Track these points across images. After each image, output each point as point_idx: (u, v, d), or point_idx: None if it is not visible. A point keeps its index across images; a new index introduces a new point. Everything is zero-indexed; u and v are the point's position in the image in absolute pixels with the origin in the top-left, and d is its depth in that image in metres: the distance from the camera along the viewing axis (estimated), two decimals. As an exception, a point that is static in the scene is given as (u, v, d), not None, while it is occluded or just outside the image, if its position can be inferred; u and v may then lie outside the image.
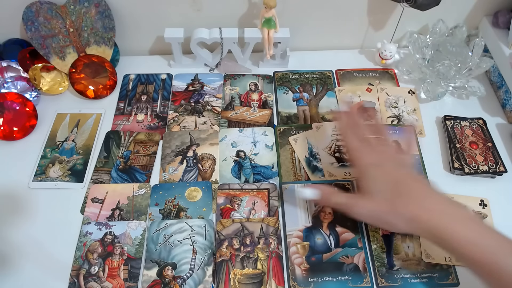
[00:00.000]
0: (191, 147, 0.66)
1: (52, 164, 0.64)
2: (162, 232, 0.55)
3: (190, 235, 0.55)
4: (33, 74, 0.70)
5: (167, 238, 0.55)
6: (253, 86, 0.75)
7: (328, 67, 0.78)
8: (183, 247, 0.54)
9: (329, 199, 0.52)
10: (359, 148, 0.51)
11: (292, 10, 0.73)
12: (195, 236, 0.55)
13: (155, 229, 0.56)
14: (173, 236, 0.55)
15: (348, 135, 0.53)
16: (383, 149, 0.51)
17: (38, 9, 0.68)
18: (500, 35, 0.73)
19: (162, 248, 0.54)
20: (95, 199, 0.60)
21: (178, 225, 0.56)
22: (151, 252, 0.54)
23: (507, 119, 0.71)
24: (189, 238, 0.55)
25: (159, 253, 0.54)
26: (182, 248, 0.54)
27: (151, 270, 0.53)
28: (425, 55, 0.73)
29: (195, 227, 0.56)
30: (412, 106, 0.72)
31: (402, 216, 0.45)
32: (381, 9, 0.75)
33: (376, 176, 0.48)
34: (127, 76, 0.77)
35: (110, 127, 0.69)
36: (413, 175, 0.49)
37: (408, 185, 0.46)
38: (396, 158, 0.51)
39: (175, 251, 0.54)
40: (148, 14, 0.74)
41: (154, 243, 0.55)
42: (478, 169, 0.62)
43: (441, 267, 0.54)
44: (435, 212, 0.44)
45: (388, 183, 0.47)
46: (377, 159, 0.49)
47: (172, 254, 0.54)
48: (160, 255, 0.54)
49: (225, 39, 0.71)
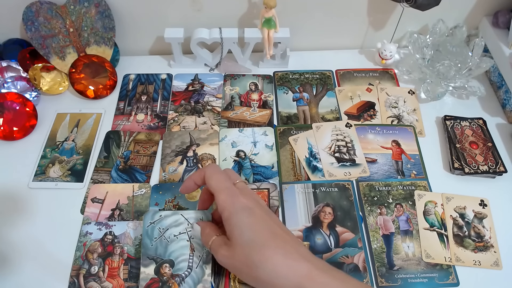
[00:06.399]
0: (191, 147, 0.66)
1: (52, 164, 0.64)
2: (157, 225, 0.51)
3: (187, 229, 0.51)
4: (33, 74, 0.70)
5: (163, 232, 0.51)
6: (253, 86, 0.75)
7: (328, 67, 0.78)
8: (179, 243, 0.51)
9: (203, 239, 0.48)
10: (227, 190, 0.44)
11: (292, 10, 0.73)
12: (192, 231, 0.51)
13: (149, 222, 0.51)
14: (169, 230, 0.51)
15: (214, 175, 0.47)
16: (250, 191, 0.46)
17: (38, 9, 0.68)
18: (500, 35, 0.73)
19: (158, 243, 0.51)
20: (95, 199, 0.60)
21: (173, 218, 0.52)
22: (147, 248, 0.51)
23: (507, 119, 0.71)
24: (185, 232, 0.51)
25: (155, 249, 0.50)
26: (179, 244, 0.51)
27: (149, 267, 0.50)
28: (425, 55, 0.73)
29: (191, 219, 0.51)
30: (412, 106, 0.72)
31: (265, 269, 0.40)
32: (381, 9, 0.75)
33: (246, 223, 0.42)
34: (127, 76, 0.77)
35: (110, 127, 0.69)
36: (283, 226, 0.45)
37: (284, 237, 0.42)
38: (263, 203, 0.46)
39: (171, 247, 0.51)
40: (148, 14, 0.74)
41: (149, 238, 0.51)
42: (478, 169, 0.62)
43: (441, 267, 0.54)
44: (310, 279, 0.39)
45: (260, 231, 0.42)
46: (244, 204, 0.43)
47: (168, 250, 0.50)
48: (156, 251, 0.50)
49: (225, 39, 0.71)
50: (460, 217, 0.58)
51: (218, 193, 0.44)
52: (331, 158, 0.64)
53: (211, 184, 0.45)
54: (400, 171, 0.64)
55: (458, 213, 0.59)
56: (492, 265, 0.55)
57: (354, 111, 0.71)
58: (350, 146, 0.66)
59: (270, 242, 0.41)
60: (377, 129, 0.68)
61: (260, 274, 0.40)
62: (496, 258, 0.55)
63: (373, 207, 0.59)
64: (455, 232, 0.57)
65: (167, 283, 0.50)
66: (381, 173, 0.63)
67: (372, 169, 0.64)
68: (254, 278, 0.41)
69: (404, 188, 0.61)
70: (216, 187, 0.45)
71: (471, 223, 0.58)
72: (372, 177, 0.63)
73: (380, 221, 0.58)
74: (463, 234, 0.57)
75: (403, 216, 0.59)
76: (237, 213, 0.42)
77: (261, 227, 0.42)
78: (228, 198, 0.43)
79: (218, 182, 0.45)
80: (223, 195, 0.44)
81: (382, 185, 0.62)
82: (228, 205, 0.43)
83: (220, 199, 0.44)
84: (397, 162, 0.65)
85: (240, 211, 0.42)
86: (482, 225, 0.58)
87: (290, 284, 0.39)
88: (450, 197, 0.60)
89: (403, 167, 0.64)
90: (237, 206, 0.43)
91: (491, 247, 0.56)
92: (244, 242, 0.41)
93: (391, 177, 0.63)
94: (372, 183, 0.62)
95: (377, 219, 0.58)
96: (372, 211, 0.59)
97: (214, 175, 0.46)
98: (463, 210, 0.59)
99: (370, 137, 0.67)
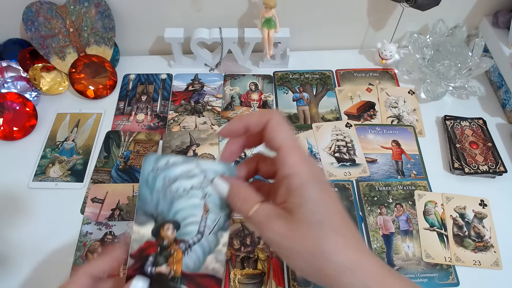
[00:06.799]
0: (191, 147, 0.66)
1: (52, 164, 0.64)
2: (162, 174, 0.37)
3: (202, 185, 0.38)
4: (33, 74, 0.70)
5: (169, 184, 0.38)
6: (253, 86, 0.75)
7: (328, 67, 0.78)
8: (190, 201, 0.38)
9: (238, 205, 0.35)
10: (301, 150, 0.34)
11: (292, 10, 0.73)
12: (209, 188, 0.38)
13: (151, 167, 0.37)
14: (177, 182, 0.38)
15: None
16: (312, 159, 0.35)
17: (38, 9, 0.68)
18: (500, 35, 0.73)
19: (160, 197, 0.37)
20: (95, 199, 0.60)
21: (184, 167, 0.38)
22: (144, 201, 0.37)
23: (507, 119, 0.71)
24: (200, 188, 0.38)
25: (156, 204, 0.37)
26: (190, 202, 0.38)
27: (145, 226, 0.37)
28: (425, 55, 0.73)
29: (210, 173, 0.37)
30: (412, 106, 0.72)
31: (335, 261, 0.31)
32: (381, 9, 0.75)
33: (318, 200, 0.32)
34: (127, 76, 0.77)
35: (110, 127, 0.69)
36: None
37: (353, 226, 0.34)
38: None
39: (178, 204, 0.38)
40: (148, 14, 0.74)
41: (149, 188, 0.37)
42: (478, 169, 0.62)
43: (441, 267, 0.54)
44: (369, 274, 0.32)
45: (334, 214, 0.33)
46: (317, 175, 0.34)
47: (174, 208, 0.38)
48: (157, 208, 0.37)
49: (225, 39, 0.71)
50: (460, 217, 0.58)
51: (289, 151, 0.33)
52: (331, 158, 0.64)
53: (278, 136, 0.34)
54: (400, 171, 0.64)
55: (458, 213, 0.59)
56: (492, 265, 0.55)
57: (354, 111, 0.71)
58: (350, 146, 0.66)
59: (343, 230, 0.33)
60: (377, 129, 0.68)
61: (326, 266, 0.32)
62: (496, 258, 0.55)
63: (373, 207, 0.59)
64: (455, 232, 0.57)
65: (167, 248, 0.38)
66: (381, 173, 0.63)
67: (372, 169, 0.64)
68: (317, 269, 0.32)
69: (404, 188, 0.61)
70: (287, 142, 0.34)
71: (471, 223, 0.58)
72: (372, 177, 0.63)
73: (380, 221, 0.58)
74: (463, 234, 0.57)
75: (403, 216, 0.59)
76: (312, 184, 0.32)
77: (335, 209, 0.33)
78: (303, 162, 0.33)
79: (290, 136, 0.34)
80: (295, 155, 0.33)
81: (382, 185, 0.62)
82: (302, 169, 0.33)
83: (291, 159, 0.33)
84: (397, 162, 0.65)
85: (315, 182, 0.33)
86: (482, 225, 0.58)
87: (360, 284, 0.31)
88: (450, 197, 0.60)
89: (403, 167, 0.64)
90: (314, 175, 0.33)
91: (491, 247, 0.56)
92: (314, 223, 0.32)
93: (391, 177, 0.63)
94: (372, 183, 0.62)
95: (377, 219, 0.58)
96: (372, 211, 0.59)
97: (283, 125, 0.34)
98: (463, 210, 0.59)
99: (370, 137, 0.67)
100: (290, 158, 0.33)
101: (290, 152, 0.33)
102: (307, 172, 0.33)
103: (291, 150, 0.33)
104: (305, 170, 0.33)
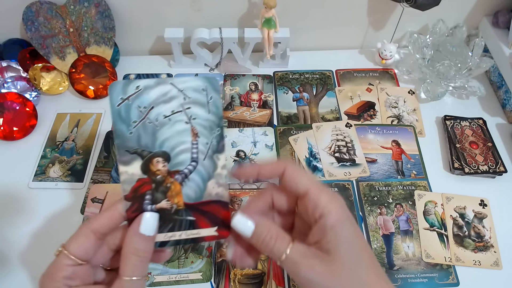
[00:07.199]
0: (191, 147, 0.66)
1: (52, 164, 0.64)
2: (134, 103, 0.33)
3: (183, 106, 0.34)
4: (33, 74, 0.70)
5: (145, 112, 0.33)
6: (253, 86, 0.75)
7: (328, 67, 0.78)
8: (174, 127, 0.34)
9: (271, 246, 0.34)
10: (328, 191, 0.35)
11: (292, 10, 0.73)
12: (192, 108, 0.34)
13: (120, 98, 0.33)
14: (155, 108, 0.33)
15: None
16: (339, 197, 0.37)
17: (38, 9, 0.68)
18: (500, 35, 0.73)
19: (140, 130, 0.33)
20: (95, 199, 0.60)
21: (159, 89, 0.33)
22: (123, 137, 0.33)
23: (507, 119, 0.71)
24: (182, 111, 0.34)
25: (137, 138, 0.33)
26: (174, 129, 0.34)
27: (132, 165, 0.33)
28: (425, 55, 0.73)
29: (188, 91, 0.34)
30: (412, 106, 0.72)
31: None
32: (381, 9, 0.75)
33: (353, 238, 0.34)
34: (127, 76, 0.77)
35: (110, 127, 0.69)
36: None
37: (375, 257, 0.36)
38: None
39: (163, 133, 0.34)
40: (148, 14, 0.74)
41: (125, 123, 0.33)
42: (478, 169, 0.62)
43: (441, 267, 0.54)
44: None
45: (364, 249, 0.34)
46: (347, 211, 0.35)
47: (159, 138, 0.34)
48: (140, 142, 0.33)
49: (225, 39, 0.71)
50: (460, 217, 0.58)
51: (318, 192, 0.34)
52: (331, 158, 0.64)
53: (301, 181, 0.35)
54: (400, 171, 0.64)
55: (458, 213, 0.59)
56: (492, 265, 0.55)
57: (354, 111, 0.71)
58: (350, 146, 0.66)
59: (372, 263, 0.34)
60: (377, 129, 0.68)
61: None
62: (496, 258, 0.55)
63: (373, 207, 0.59)
64: (455, 232, 0.57)
65: (163, 183, 0.35)
66: (381, 173, 0.63)
67: (372, 169, 0.64)
68: None
69: (404, 188, 0.61)
70: (312, 184, 0.35)
71: (471, 223, 0.58)
72: (372, 177, 0.63)
73: (380, 221, 0.58)
74: (463, 234, 0.57)
75: (403, 216, 0.59)
76: (345, 223, 0.33)
77: (364, 244, 0.35)
78: (334, 200, 0.34)
79: (312, 178, 0.36)
80: (325, 195, 0.34)
81: (382, 185, 0.62)
82: (335, 208, 0.34)
83: (322, 200, 0.34)
84: (397, 162, 0.65)
85: (347, 220, 0.34)
86: (482, 225, 0.58)
87: None
88: (450, 197, 0.60)
89: (403, 167, 0.64)
90: (345, 213, 0.34)
91: (491, 247, 0.56)
92: (352, 261, 0.33)
93: (391, 177, 0.63)
94: (372, 183, 0.62)
95: (377, 219, 0.58)
96: (372, 211, 0.59)
97: (300, 171, 0.36)
98: (463, 210, 0.59)
99: (370, 137, 0.67)
100: (322, 198, 0.34)
101: (319, 193, 0.34)
102: (340, 210, 0.34)
103: (320, 192, 0.34)
104: (338, 208, 0.34)
